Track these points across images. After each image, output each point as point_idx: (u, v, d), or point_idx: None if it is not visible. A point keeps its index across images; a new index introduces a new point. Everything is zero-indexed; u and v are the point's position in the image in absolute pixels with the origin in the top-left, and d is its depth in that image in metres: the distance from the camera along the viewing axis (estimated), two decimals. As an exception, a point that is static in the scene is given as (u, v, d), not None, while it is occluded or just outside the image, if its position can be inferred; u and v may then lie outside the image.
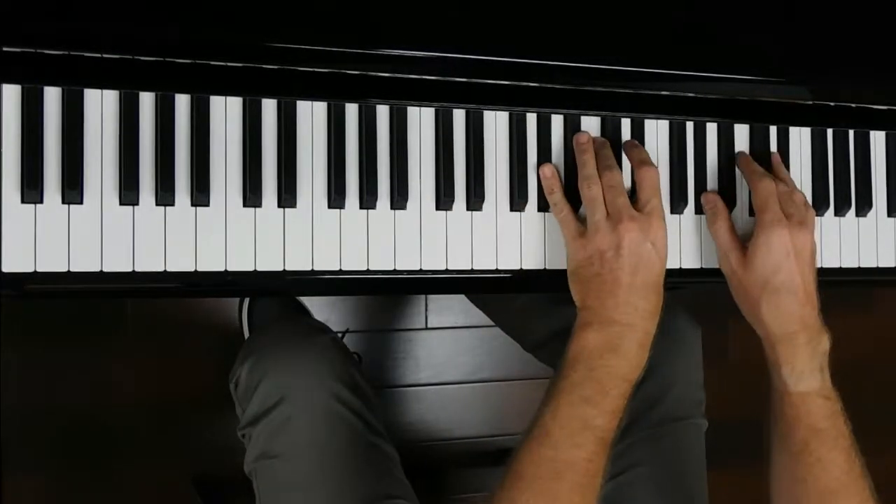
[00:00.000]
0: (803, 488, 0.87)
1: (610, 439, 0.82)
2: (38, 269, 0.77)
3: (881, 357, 1.77)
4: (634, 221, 0.85)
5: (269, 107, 0.84)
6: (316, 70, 0.84)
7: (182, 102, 0.82)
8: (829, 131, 1.01)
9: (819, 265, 0.99)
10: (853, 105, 1.01)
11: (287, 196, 0.84)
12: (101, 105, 0.80)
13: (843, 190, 1.00)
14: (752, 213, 0.96)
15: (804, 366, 0.87)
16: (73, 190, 0.78)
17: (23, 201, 0.78)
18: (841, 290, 0.99)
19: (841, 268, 1.01)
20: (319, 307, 1.54)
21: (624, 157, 0.93)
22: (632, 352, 0.83)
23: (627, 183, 0.91)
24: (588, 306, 0.85)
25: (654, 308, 0.85)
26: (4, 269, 0.77)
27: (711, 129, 0.97)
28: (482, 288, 1.08)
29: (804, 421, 0.87)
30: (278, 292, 1.32)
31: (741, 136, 0.98)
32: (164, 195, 0.81)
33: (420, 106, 0.88)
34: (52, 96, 0.79)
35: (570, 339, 0.85)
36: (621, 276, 0.84)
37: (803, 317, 0.87)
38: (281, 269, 0.84)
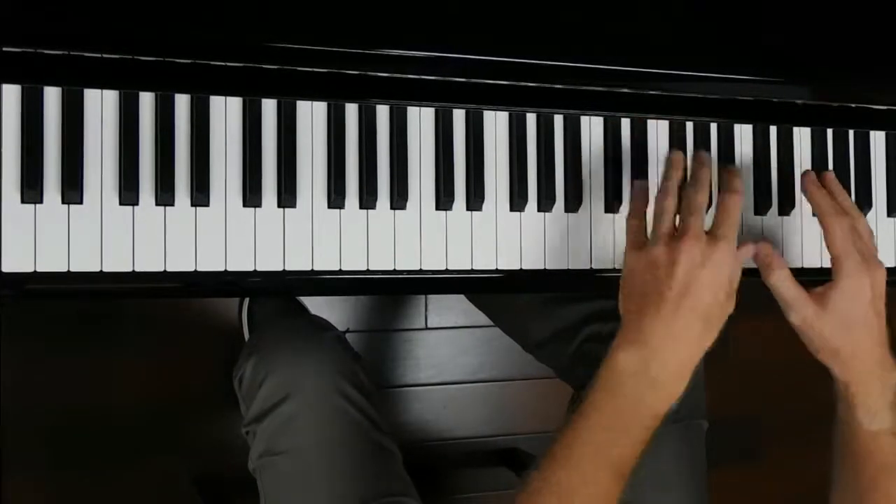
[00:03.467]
0: None
1: (628, 471, 0.78)
2: (38, 269, 0.78)
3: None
4: (698, 241, 0.79)
5: (269, 107, 0.84)
6: (316, 70, 0.84)
7: (182, 102, 0.82)
8: (829, 131, 1.01)
9: (819, 265, 0.99)
10: (853, 105, 1.01)
11: (287, 196, 0.84)
12: (101, 105, 0.80)
13: (843, 189, 1.00)
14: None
15: (878, 404, 0.86)
16: (73, 190, 0.78)
17: (23, 201, 0.78)
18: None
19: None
20: (319, 307, 1.53)
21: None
22: (664, 381, 0.78)
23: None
24: (628, 319, 0.81)
25: (699, 337, 0.79)
26: (4, 269, 0.77)
27: (712, 129, 0.97)
28: (482, 288, 1.08)
29: (875, 458, 0.86)
30: (278, 292, 1.32)
31: (741, 136, 0.98)
32: (164, 195, 0.81)
33: (420, 106, 0.88)
34: (52, 96, 0.79)
35: (607, 354, 0.80)
36: (668, 294, 0.78)
37: (880, 356, 0.86)
38: (281, 269, 0.84)
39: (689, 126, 0.96)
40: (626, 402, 0.78)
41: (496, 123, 0.91)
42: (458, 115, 0.90)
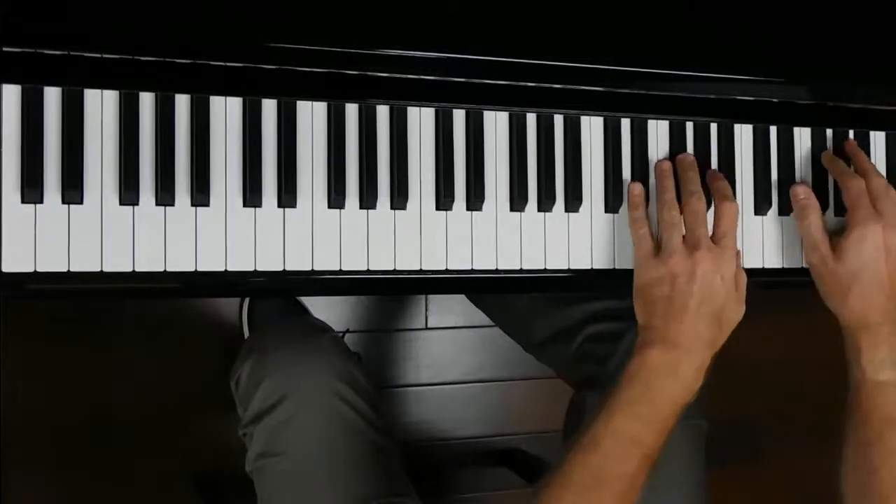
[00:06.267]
0: (876, 478, 0.89)
1: (654, 457, 0.84)
2: (38, 269, 0.78)
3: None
4: (710, 252, 0.87)
5: (269, 107, 0.84)
6: (316, 70, 0.84)
7: (182, 102, 0.82)
8: (829, 131, 1.01)
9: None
10: (853, 105, 1.01)
11: (287, 196, 0.84)
12: (101, 105, 0.80)
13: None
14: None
15: (884, 356, 0.90)
16: (73, 190, 0.78)
17: (23, 201, 0.78)
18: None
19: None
20: (319, 307, 1.54)
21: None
22: (689, 377, 0.85)
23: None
24: (653, 326, 0.86)
25: (715, 338, 0.87)
26: (4, 269, 0.77)
27: (712, 129, 0.97)
28: (482, 288, 1.08)
29: (880, 410, 0.90)
30: (278, 292, 1.32)
31: (741, 136, 0.98)
32: (164, 195, 0.81)
33: (420, 106, 0.88)
34: (52, 96, 0.79)
35: (631, 355, 0.86)
36: (690, 302, 0.85)
37: (888, 310, 0.91)
38: (281, 269, 0.84)
39: (689, 126, 0.97)
40: (657, 395, 0.84)
41: (496, 123, 0.91)
42: (459, 115, 0.90)
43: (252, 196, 0.83)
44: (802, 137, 1.00)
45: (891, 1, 0.99)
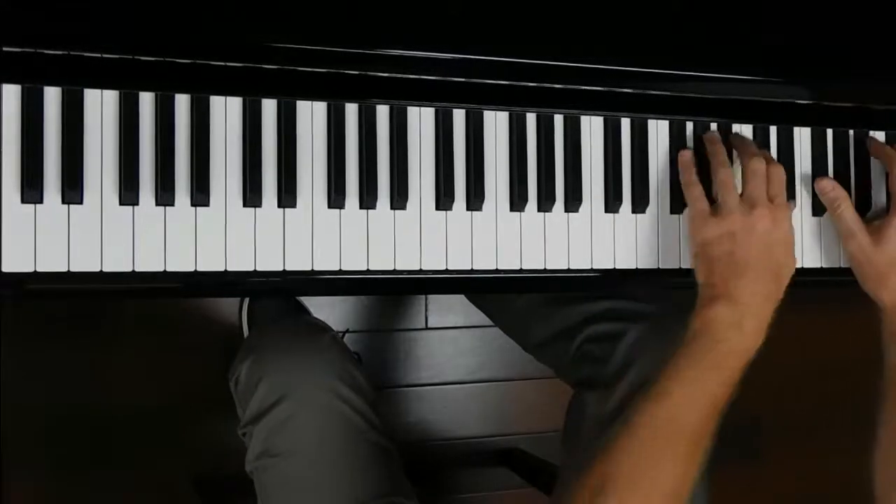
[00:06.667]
0: None
1: (722, 409, 0.84)
2: (38, 269, 0.77)
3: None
4: (767, 209, 0.89)
5: (269, 107, 0.84)
6: (316, 70, 0.84)
7: (182, 102, 0.82)
8: (829, 131, 1.01)
9: (820, 265, 0.99)
10: (853, 105, 1.01)
11: (287, 196, 0.84)
12: (101, 105, 0.80)
13: (843, 189, 1.00)
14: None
15: None
16: (72, 190, 0.78)
17: (23, 201, 0.78)
18: (842, 290, 1.00)
19: (841, 267, 1.01)
20: (319, 307, 1.54)
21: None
22: (753, 331, 0.86)
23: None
24: (714, 283, 0.88)
25: (775, 294, 0.89)
26: (4, 269, 0.77)
27: (712, 129, 0.97)
28: (482, 288, 1.08)
29: None
30: (278, 292, 1.32)
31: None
32: (164, 195, 0.81)
33: (420, 106, 0.88)
34: (52, 96, 0.79)
35: (695, 311, 0.87)
36: (751, 258, 0.87)
37: None
38: (281, 269, 0.84)
39: (689, 126, 0.97)
40: (724, 348, 0.85)
41: (496, 123, 0.91)
42: (458, 115, 0.90)
43: (252, 196, 0.83)
44: (802, 137, 1.00)
45: (890, 2, 0.99)
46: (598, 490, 0.78)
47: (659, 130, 0.96)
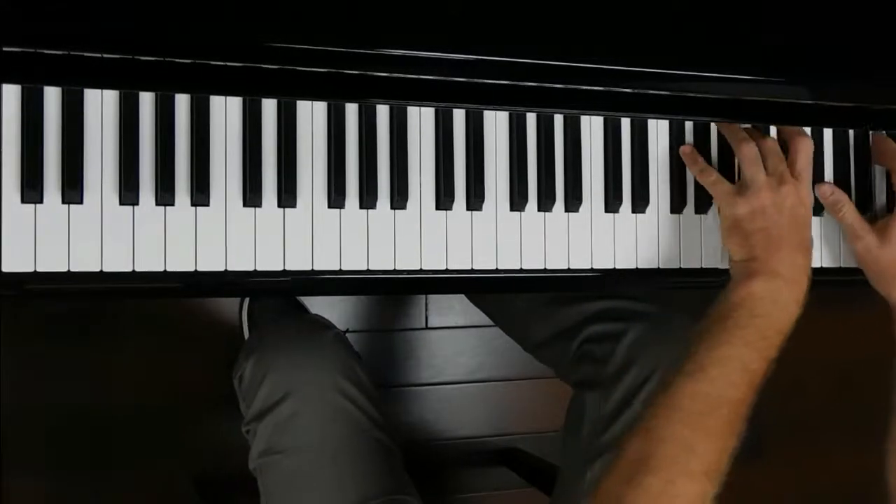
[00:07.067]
0: None
1: (758, 384, 0.84)
2: (38, 269, 0.78)
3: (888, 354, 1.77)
4: (793, 185, 0.92)
5: (269, 107, 0.84)
6: (316, 70, 0.84)
7: (182, 102, 0.82)
8: (829, 131, 1.01)
9: (820, 265, 0.99)
10: (853, 105, 1.01)
11: (287, 196, 0.84)
12: (101, 105, 0.80)
13: (843, 190, 1.00)
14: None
15: None
16: (72, 190, 0.78)
17: (23, 201, 0.78)
18: (842, 289, 1.00)
19: (842, 267, 1.01)
20: (319, 307, 1.54)
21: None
22: (790, 305, 0.87)
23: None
24: (755, 257, 0.89)
25: (808, 266, 0.90)
26: (4, 269, 0.77)
27: (712, 129, 0.97)
28: (482, 288, 1.08)
29: None
30: (278, 292, 1.32)
31: (741, 135, 0.98)
32: (164, 195, 0.81)
33: (420, 106, 0.88)
34: (52, 96, 0.79)
35: (732, 286, 0.88)
36: (784, 232, 0.89)
37: None
38: (281, 269, 0.84)
39: (689, 126, 0.97)
40: (762, 322, 0.86)
41: (496, 123, 0.91)
42: (458, 115, 0.90)
43: (252, 196, 0.83)
44: (802, 137, 1.00)
45: (890, 2, 0.99)
46: (638, 467, 0.77)
47: (659, 130, 0.96)
